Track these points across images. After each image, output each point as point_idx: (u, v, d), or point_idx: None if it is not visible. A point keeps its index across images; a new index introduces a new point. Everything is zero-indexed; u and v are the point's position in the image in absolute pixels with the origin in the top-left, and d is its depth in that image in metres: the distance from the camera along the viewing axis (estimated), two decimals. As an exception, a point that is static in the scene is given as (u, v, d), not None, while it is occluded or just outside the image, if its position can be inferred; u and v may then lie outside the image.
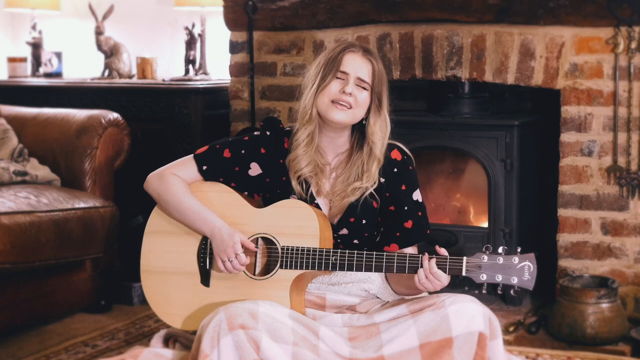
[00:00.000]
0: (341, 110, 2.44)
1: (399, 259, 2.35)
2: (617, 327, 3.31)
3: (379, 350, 2.30)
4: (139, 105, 4.26)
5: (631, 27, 3.38)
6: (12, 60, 4.89)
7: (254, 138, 2.57)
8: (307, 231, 2.41)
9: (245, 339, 2.21)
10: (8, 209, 3.33)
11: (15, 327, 3.46)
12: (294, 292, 2.42)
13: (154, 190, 2.57)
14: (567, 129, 3.54)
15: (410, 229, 2.51)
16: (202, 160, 2.55)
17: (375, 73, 2.46)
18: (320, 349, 2.31)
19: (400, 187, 2.51)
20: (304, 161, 2.49)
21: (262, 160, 2.54)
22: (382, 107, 2.47)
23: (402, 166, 2.53)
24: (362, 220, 2.50)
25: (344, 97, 2.43)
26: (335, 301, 2.49)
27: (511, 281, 2.28)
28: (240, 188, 2.55)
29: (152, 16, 4.78)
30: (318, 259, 2.39)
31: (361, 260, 2.37)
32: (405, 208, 2.51)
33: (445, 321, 2.29)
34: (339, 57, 2.46)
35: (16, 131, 4.00)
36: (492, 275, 2.28)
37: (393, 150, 2.53)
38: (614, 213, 3.50)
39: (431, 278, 2.31)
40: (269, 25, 3.98)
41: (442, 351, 2.27)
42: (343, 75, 2.45)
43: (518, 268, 2.27)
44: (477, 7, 3.56)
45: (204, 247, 2.51)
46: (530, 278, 2.27)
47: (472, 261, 2.30)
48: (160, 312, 2.56)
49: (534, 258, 2.29)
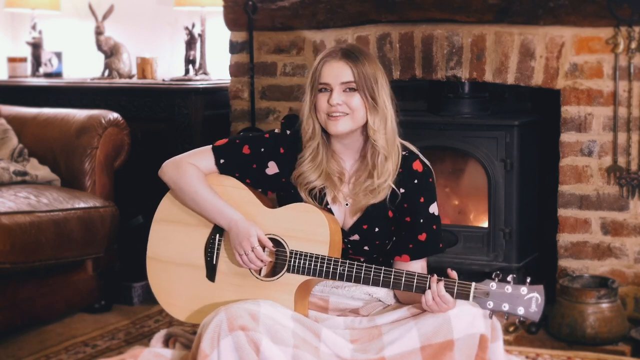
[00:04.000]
0: (337, 120, 2.41)
1: (407, 277, 2.32)
2: (617, 327, 3.31)
3: (380, 352, 2.29)
4: (139, 105, 4.26)
5: (631, 27, 3.38)
6: (12, 60, 4.89)
7: (274, 136, 2.55)
8: (317, 237, 2.39)
9: (245, 341, 2.21)
10: (8, 209, 3.33)
11: (15, 327, 3.46)
12: (299, 296, 2.41)
13: (169, 178, 2.53)
14: (567, 129, 3.54)
15: (424, 241, 2.47)
16: (221, 153, 2.53)
17: (357, 73, 2.40)
18: (322, 351, 2.30)
19: (419, 199, 2.47)
20: (313, 175, 2.46)
21: (280, 160, 2.52)
22: (377, 104, 2.42)
23: (423, 178, 2.49)
24: (374, 228, 2.48)
25: (333, 108, 2.40)
26: (339, 304, 2.49)
27: (517, 312, 2.25)
28: (255, 185, 2.53)
29: (152, 16, 4.78)
30: (326, 268, 2.37)
31: (369, 275, 2.34)
32: (421, 221, 2.47)
33: (446, 323, 2.28)
34: (318, 70, 2.44)
35: (16, 131, 4.00)
36: (499, 304, 2.25)
37: (415, 162, 2.49)
38: (614, 213, 3.50)
39: (438, 301, 2.28)
40: (269, 25, 3.97)
41: (443, 353, 2.27)
42: (326, 87, 2.42)
43: (526, 299, 2.25)
44: (477, 7, 3.56)
45: (212, 241, 2.49)
46: (537, 310, 2.24)
47: (480, 288, 2.27)
48: (163, 301, 2.55)
49: (542, 290, 2.26)
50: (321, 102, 2.42)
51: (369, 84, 2.41)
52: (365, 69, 2.41)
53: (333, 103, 2.40)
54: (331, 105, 2.40)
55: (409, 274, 2.33)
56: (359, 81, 2.40)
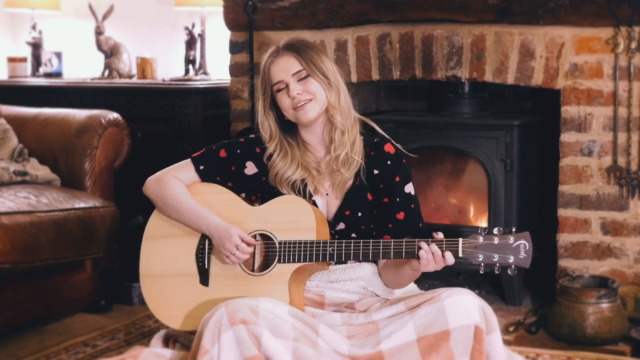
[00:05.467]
0: (304, 108, 2.48)
1: (395, 245, 2.36)
2: (617, 327, 3.31)
3: (377, 346, 2.31)
4: (139, 105, 4.26)
5: (631, 27, 3.38)
6: (12, 60, 4.90)
7: (249, 140, 2.62)
8: (304, 225, 2.43)
9: (246, 334, 2.22)
10: (8, 209, 3.33)
11: (15, 327, 3.46)
12: (293, 285, 2.43)
13: (152, 192, 2.60)
14: (567, 129, 3.54)
15: (402, 220, 2.52)
16: (199, 161, 2.59)
17: (303, 59, 2.49)
18: (320, 346, 2.31)
19: (394, 178, 2.53)
20: (289, 170, 2.53)
21: (257, 160, 2.57)
22: (330, 80, 2.50)
23: (396, 159, 2.55)
24: (357, 212, 2.52)
25: (296, 99, 2.48)
26: (334, 299, 2.50)
27: (508, 260, 2.28)
28: (237, 188, 2.57)
29: (152, 16, 4.78)
30: (315, 251, 2.41)
31: (358, 248, 2.39)
32: (398, 199, 2.53)
33: (441, 314, 2.30)
34: (267, 72, 2.54)
35: (16, 131, 4.00)
36: (489, 256, 2.28)
37: (386, 144, 2.56)
38: (614, 213, 3.50)
39: (431, 258, 2.31)
40: (269, 25, 3.98)
41: (439, 344, 2.28)
42: (281, 84, 2.51)
43: (514, 247, 2.28)
44: (477, 7, 3.56)
45: (202, 247, 2.52)
46: (526, 256, 2.28)
47: (468, 242, 2.31)
48: (160, 315, 2.56)
49: (529, 236, 2.29)
50: (283, 100, 2.51)
51: (317, 64, 2.49)
52: (307, 53, 2.50)
53: (293, 95, 2.47)
54: (293, 98, 2.48)
55: (397, 241, 2.37)
56: (307, 66, 2.49)
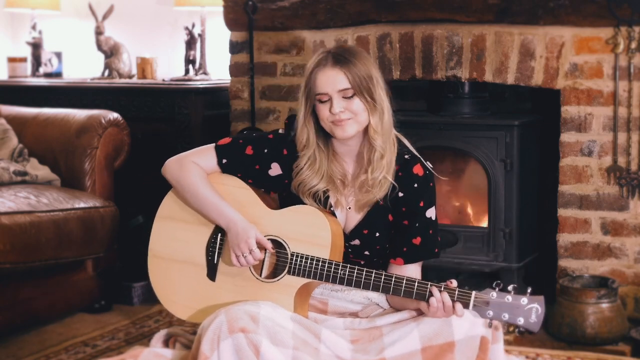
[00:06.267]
0: (344, 126, 2.39)
1: (407, 284, 2.30)
2: (617, 327, 3.31)
3: (380, 353, 2.29)
4: (139, 105, 4.26)
5: (631, 27, 3.38)
6: (12, 60, 4.89)
7: (277, 137, 2.53)
8: (319, 241, 2.38)
9: (245, 343, 2.20)
10: (8, 209, 3.33)
11: (15, 327, 3.46)
12: (299, 299, 2.40)
13: (172, 176, 2.53)
14: (567, 129, 3.54)
15: (418, 245, 2.45)
16: (224, 153, 2.52)
17: (352, 78, 2.37)
18: (322, 352, 2.30)
19: (419, 203, 2.45)
20: (314, 180, 2.45)
21: (283, 162, 2.51)
22: (376, 102, 2.40)
23: (423, 182, 2.46)
24: (375, 233, 2.47)
25: (337, 116, 2.38)
26: (338, 307, 2.48)
27: (517, 322, 2.22)
28: (257, 185, 2.52)
29: (152, 16, 4.78)
30: (326, 271, 2.36)
31: (369, 280, 2.33)
32: (417, 225, 2.45)
33: (447, 325, 2.28)
34: (312, 79, 2.40)
35: (16, 131, 4.00)
36: (499, 313, 2.23)
37: (416, 165, 2.46)
38: (614, 213, 3.50)
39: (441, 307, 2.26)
40: (269, 25, 3.98)
41: (443, 355, 2.27)
42: (324, 97, 2.39)
43: (526, 309, 2.22)
44: (477, 7, 3.56)
45: (213, 240, 2.49)
46: (537, 321, 2.22)
47: (480, 297, 2.25)
48: (163, 298, 2.54)
49: (543, 301, 2.23)
50: (323, 111, 2.40)
51: (365, 85, 2.38)
52: (358, 71, 2.38)
53: (335, 112, 2.37)
54: (333, 114, 2.38)
55: (409, 280, 2.31)
56: (355, 86, 2.37)
